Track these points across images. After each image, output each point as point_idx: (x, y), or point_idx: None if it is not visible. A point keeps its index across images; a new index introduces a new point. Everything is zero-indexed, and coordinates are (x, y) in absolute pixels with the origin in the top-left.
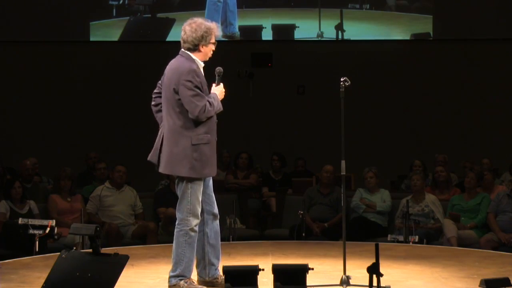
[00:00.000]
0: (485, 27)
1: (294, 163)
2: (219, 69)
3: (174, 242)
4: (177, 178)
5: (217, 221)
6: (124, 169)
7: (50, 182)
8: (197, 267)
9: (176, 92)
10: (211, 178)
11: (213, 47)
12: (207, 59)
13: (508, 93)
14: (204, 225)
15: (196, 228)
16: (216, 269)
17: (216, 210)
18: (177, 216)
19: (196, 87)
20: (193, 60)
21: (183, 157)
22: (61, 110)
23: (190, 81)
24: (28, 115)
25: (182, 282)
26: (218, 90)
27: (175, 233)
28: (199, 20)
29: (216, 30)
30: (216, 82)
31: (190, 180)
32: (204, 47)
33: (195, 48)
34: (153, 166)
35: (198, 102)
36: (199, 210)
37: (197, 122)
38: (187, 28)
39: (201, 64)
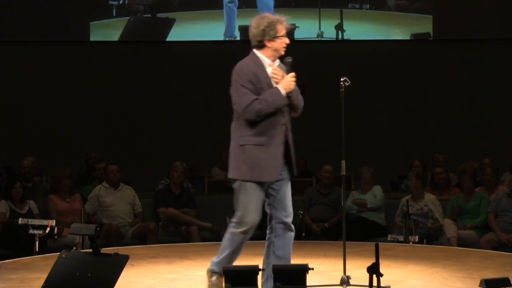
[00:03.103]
0: (485, 27)
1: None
2: (287, 58)
3: (224, 236)
4: (232, 182)
5: (290, 233)
6: (117, 167)
7: (49, 181)
8: (262, 276)
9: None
10: (288, 183)
11: (282, 41)
12: (281, 53)
13: (508, 93)
14: (272, 233)
15: (245, 236)
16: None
17: (287, 219)
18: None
19: (242, 85)
20: (253, 57)
21: (233, 159)
22: (61, 110)
23: (235, 80)
24: (28, 115)
25: (214, 278)
26: (283, 83)
27: (228, 228)
28: (263, 15)
29: (282, 23)
30: (286, 73)
31: (240, 182)
32: (270, 42)
33: (260, 44)
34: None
35: (241, 101)
36: (251, 217)
37: (248, 122)
38: (252, 24)
39: (267, 61)
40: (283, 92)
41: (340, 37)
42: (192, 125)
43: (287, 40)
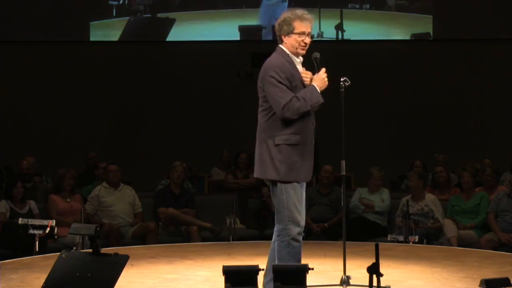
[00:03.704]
0: (485, 27)
1: None
2: (315, 54)
3: (276, 254)
4: (269, 184)
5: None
6: (116, 167)
7: (49, 181)
8: (264, 277)
9: (262, 89)
10: (304, 186)
11: (298, 38)
12: (299, 52)
13: (508, 93)
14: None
15: (299, 237)
16: (271, 280)
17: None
18: (276, 227)
19: (280, 82)
20: (283, 54)
21: (269, 159)
22: (61, 110)
23: (272, 76)
24: (28, 115)
25: None
26: (317, 80)
27: (276, 245)
28: (290, 10)
29: (302, 20)
30: (316, 70)
31: (281, 184)
32: (286, 37)
33: (281, 40)
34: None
35: (281, 99)
36: (300, 216)
37: (283, 121)
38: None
39: (295, 59)
40: (318, 89)
41: (340, 37)
42: (192, 125)
43: (306, 39)
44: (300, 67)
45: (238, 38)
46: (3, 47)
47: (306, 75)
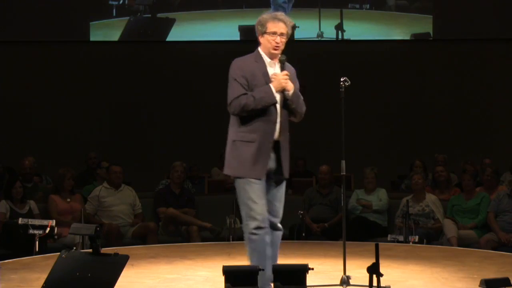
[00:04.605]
0: (485, 27)
1: (294, 163)
2: (281, 57)
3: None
4: None
5: (277, 232)
6: (120, 168)
7: (49, 181)
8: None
9: None
10: (281, 185)
11: (270, 38)
12: (272, 52)
13: (508, 93)
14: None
15: (258, 231)
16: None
17: (275, 220)
18: None
19: (235, 79)
20: (255, 54)
21: (227, 155)
22: (61, 110)
23: (230, 74)
24: (28, 115)
25: None
26: (275, 81)
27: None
28: (265, 13)
29: (274, 21)
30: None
31: (236, 180)
32: (261, 38)
33: (258, 41)
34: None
35: (230, 95)
36: (257, 210)
37: (241, 119)
38: None
39: (267, 59)
40: (273, 90)
41: (340, 37)
42: (192, 125)
43: (277, 39)
44: (273, 69)
45: (238, 38)
46: (3, 47)
47: (283, 76)
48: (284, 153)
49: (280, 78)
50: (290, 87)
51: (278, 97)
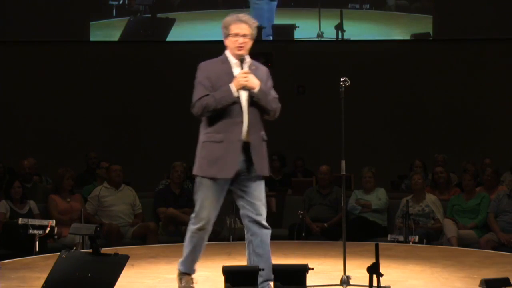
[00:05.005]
0: (484, 27)
1: (293, 163)
2: (241, 56)
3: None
4: None
5: (265, 230)
6: (120, 167)
7: (49, 181)
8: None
9: None
10: (258, 183)
11: (233, 39)
12: (237, 52)
13: (508, 93)
14: (248, 232)
15: (199, 232)
16: (265, 281)
17: (259, 218)
18: None
19: (200, 82)
20: (222, 56)
21: (196, 155)
22: (61, 110)
23: (196, 76)
24: (28, 115)
25: (183, 280)
26: (234, 80)
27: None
28: (229, 15)
29: (235, 22)
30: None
31: (199, 179)
32: (226, 40)
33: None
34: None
35: (193, 98)
36: (204, 214)
37: (208, 119)
38: None
39: (233, 60)
40: (233, 89)
41: (340, 37)
42: (192, 125)
43: (239, 40)
44: (240, 69)
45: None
46: (3, 47)
47: (241, 74)
48: (256, 152)
49: (238, 76)
50: (254, 84)
51: (245, 96)
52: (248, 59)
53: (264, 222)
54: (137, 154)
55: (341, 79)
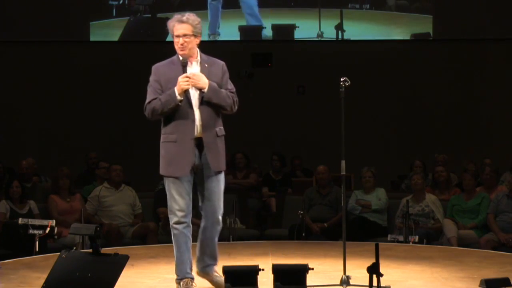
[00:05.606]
0: (485, 27)
1: (291, 162)
2: (183, 59)
3: None
4: None
5: (217, 227)
6: (120, 167)
7: (48, 180)
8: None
9: None
10: (214, 179)
11: (175, 40)
12: (179, 53)
13: (508, 93)
14: (202, 224)
15: (177, 226)
16: (209, 266)
17: (214, 213)
18: None
19: (151, 85)
20: (174, 57)
21: (160, 156)
22: (61, 110)
23: (149, 79)
24: (28, 115)
25: (182, 283)
26: (177, 84)
27: None
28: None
29: (172, 24)
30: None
31: (164, 178)
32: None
33: None
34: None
35: (145, 101)
36: (177, 207)
37: (163, 122)
38: None
39: (179, 61)
40: (177, 93)
41: (340, 37)
42: None
43: (179, 41)
44: (191, 68)
45: (238, 38)
46: (3, 47)
47: (181, 79)
48: (209, 148)
49: (179, 80)
50: (202, 84)
51: (196, 95)
52: (200, 57)
53: (218, 216)
54: (137, 154)
55: (341, 79)
